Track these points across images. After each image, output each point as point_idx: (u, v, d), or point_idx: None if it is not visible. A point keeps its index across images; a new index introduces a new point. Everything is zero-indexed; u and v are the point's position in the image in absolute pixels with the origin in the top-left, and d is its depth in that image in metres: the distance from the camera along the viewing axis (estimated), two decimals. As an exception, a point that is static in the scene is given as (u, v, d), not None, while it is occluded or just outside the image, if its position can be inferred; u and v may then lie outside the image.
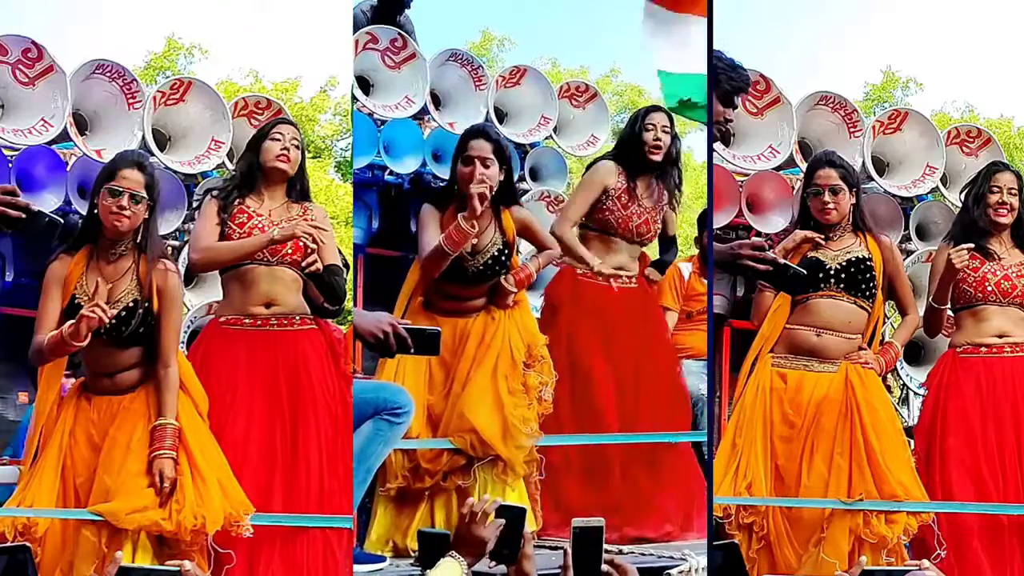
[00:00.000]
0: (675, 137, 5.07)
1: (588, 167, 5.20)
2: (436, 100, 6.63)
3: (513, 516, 3.10)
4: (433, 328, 4.02)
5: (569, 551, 2.95)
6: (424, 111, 6.39)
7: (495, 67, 7.97)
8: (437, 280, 4.61)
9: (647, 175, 5.06)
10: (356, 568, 4.24)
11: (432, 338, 3.89)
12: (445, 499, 4.56)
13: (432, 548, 3.06)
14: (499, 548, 3.09)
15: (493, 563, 3.15)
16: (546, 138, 6.97)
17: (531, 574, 3.09)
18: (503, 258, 4.69)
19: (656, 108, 5.09)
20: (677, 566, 4.33)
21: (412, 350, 3.85)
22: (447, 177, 6.84)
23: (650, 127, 5.01)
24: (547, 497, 4.73)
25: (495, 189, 4.57)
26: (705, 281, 5.74)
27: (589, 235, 5.09)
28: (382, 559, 4.43)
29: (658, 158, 5.01)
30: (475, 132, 4.70)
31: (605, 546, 2.99)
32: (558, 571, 2.98)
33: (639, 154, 5.02)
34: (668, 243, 5.27)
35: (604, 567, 2.94)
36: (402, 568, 4.38)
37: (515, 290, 4.74)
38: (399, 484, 4.51)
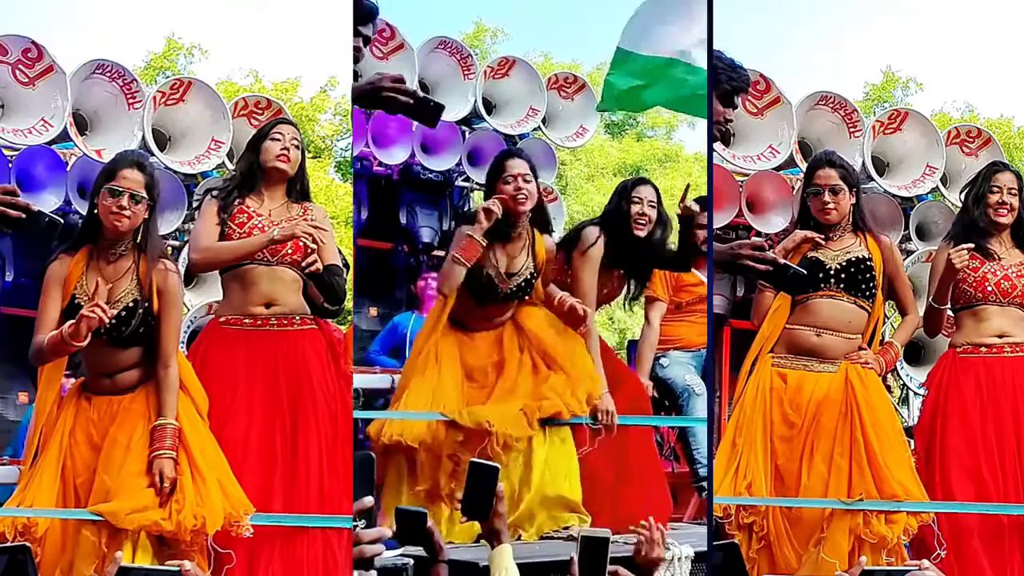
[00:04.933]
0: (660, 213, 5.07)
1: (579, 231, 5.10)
2: (424, 88, 6.63)
3: (486, 473, 3.10)
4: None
5: (576, 559, 2.95)
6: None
7: (488, 59, 8.00)
8: (465, 301, 4.69)
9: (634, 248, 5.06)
10: (387, 552, 4.19)
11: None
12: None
13: (408, 524, 3.08)
14: (471, 505, 3.09)
15: (465, 518, 3.17)
16: (535, 129, 6.98)
17: (502, 531, 3.09)
18: (532, 282, 4.77)
19: (644, 180, 5.16)
20: None
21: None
22: (436, 169, 6.90)
23: (636, 200, 5.00)
24: None
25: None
26: (696, 272, 5.75)
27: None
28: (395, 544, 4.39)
29: (641, 233, 5.00)
30: (510, 153, 4.86)
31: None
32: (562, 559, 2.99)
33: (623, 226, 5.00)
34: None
35: None
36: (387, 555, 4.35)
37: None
38: (427, 487, 4.52)
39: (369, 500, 2.92)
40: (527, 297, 4.80)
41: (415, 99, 4.05)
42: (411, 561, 3.98)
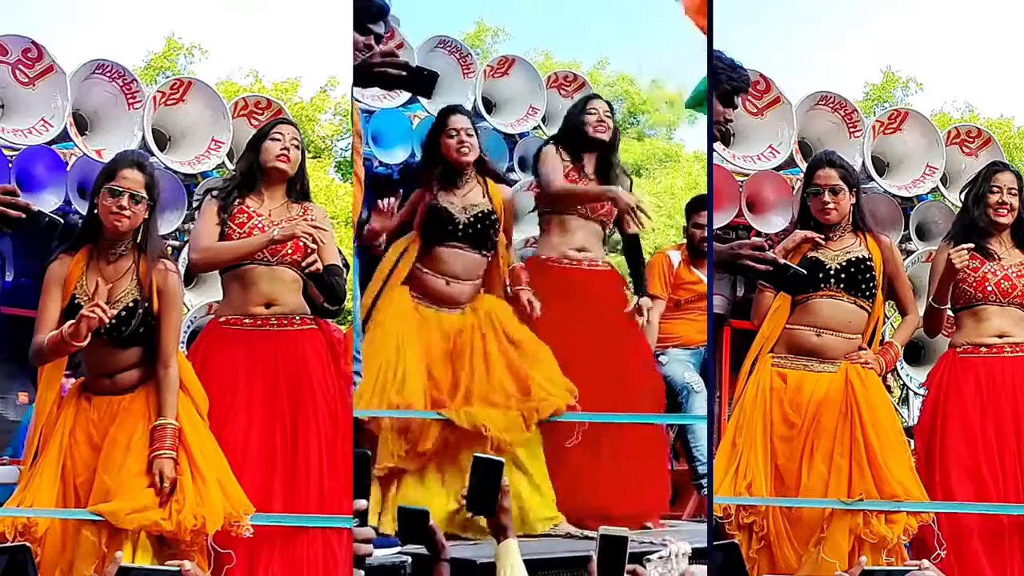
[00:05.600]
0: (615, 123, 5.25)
1: (536, 155, 5.30)
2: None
3: (491, 468, 3.10)
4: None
5: (595, 558, 2.96)
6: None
7: (489, 58, 8.04)
8: (427, 240, 4.78)
9: (592, 154, 5.17)
10: (377, 552, 4.20)
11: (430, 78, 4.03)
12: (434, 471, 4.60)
13: (411, 524, 3.08)
14: (477, 499, 3.09)
15: (471, 514, 3.17)
16: (535, 128, 6.98)
17: (508, 526, 3.10)
18: (491, 219, 4.82)
19: (596, 96, 5.37)
20: (657, 551, 4.32)
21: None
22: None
23: (592, 111, 5.16)
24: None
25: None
26: (694, 270, 5.76)
27: (548, 218, 5.16)
28: (396, 541, 4.40)
29: (605, 136, 5.14)
30: (452, 109, 4.98)
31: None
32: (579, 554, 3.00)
33: (581, 134, 5.16)
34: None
35: None
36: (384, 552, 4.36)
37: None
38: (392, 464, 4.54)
39: (363, 503, 2.93)
40: (489, 248, 4.83)
41: (408, 71, 4.05)
42: (409, 559, 3.98)
